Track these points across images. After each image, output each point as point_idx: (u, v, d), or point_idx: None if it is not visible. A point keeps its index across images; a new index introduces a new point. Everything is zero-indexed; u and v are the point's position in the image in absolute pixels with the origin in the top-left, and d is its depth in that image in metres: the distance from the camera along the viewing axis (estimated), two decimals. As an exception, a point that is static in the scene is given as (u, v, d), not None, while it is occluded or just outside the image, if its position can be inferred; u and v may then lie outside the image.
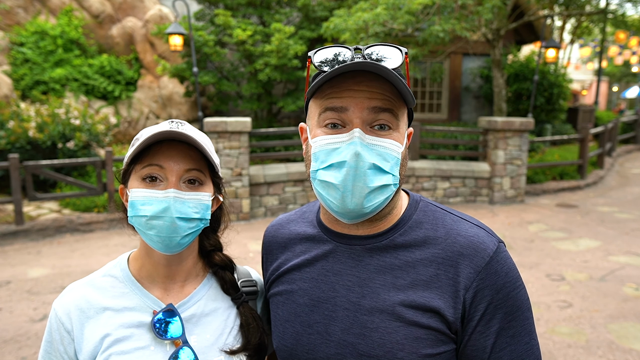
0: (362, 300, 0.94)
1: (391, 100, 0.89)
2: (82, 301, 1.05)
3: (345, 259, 0.99)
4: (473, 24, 9.09)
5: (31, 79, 10.45)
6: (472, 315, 0.89)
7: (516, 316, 0.91)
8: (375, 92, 0.88)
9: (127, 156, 1.04)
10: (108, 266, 1.13)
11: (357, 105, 0.88)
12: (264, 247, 1.19)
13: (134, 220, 1.02)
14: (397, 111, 0.90)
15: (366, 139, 0.87)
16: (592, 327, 4.04)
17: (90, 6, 11.61)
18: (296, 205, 8.18)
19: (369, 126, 0.89)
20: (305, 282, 1.02)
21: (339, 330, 0.95)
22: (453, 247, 0.93)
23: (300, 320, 1.00)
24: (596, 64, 28.14)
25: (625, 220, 7.72)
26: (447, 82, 13.01)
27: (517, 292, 0.92)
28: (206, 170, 1.06)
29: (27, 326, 4.08)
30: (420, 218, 0.99)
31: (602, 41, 19.25)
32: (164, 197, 0.99)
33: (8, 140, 7.96)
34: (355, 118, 0.88)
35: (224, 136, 7.50)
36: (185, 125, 1.03)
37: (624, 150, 16.69)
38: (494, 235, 0.96)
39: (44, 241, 6.68)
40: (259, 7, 11.10)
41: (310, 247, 1.05)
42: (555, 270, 5.42)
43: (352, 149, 0.86)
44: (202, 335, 1.08)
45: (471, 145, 9.54)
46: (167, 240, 1.00)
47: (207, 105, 11.75)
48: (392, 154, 0.89)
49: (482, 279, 0.89)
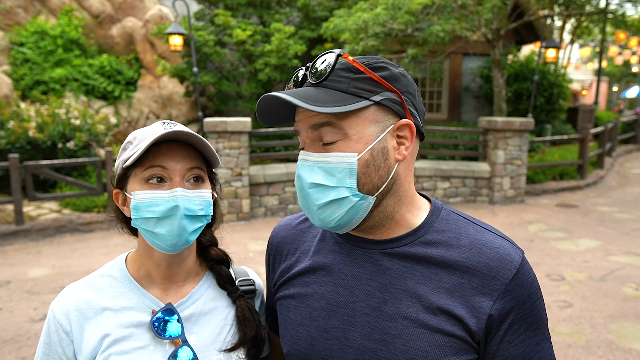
0: (383, 306, 0.92)
1: (327, 115, 0.88)
2: (80, 302, 1.05)
3: (364, 263, 0.97)
4: (473, 24, 9.08)
5: (31, 79, 10.45)
6: (500, 326, 0.89)
7: (539, 324, 0.93)
8: (310, 116, 0.92)
9: (123, 160, 1.04)
10: (106, 267, 1.13)
11: (303, 126, 0.93)
12: (271, 248, 1.16)
13: (140, 223, 1.01)
14: (337, 121, 0.87)
15: (310, 158, 0.90)
16: (592, 327, 4.04)
17: (90, 6, 11.61)
18: (296, 205, 8.17)
19: (321, 143, 0.90)
20: (321, 286, 1.00)
21: (359, 336, 0.93)
22: (479, 257, 0.92)
23: (316, 324, 0.98)
24: (596, 64, 28.14)
25: (625, 220, 7.72)
26: (447, 82, 13.01)
27: (539, 302, 0.93)
28: (205, 168, 1.08)
29: (27, 326, 4.07)
30: (442, 226, 0.97)
31: (602, 41, 19.26)
32: (171, 196, 1.00)
33: (8, 140, 7.96)
34: (305, 138, 0.92)
35: (224, 136, 7.50)
36: (178, 125, 1.04)
37: (624, 150, 16.69)
38: (517, 247, 0.96)
39: (44, 241, 6.68)
40: (259, 7, 11.10)
41: (325, 249, 1.03)
42: (555, 270, 5.42)
43: (298, 172, 0.92)
44: (201, 334, 1.08)
45: (471, 145, 9.54)
46: (177, 239, 1.01)
47: (207, 105, 11.75)
48: (338, 166, 0.88)
49: (509, 291, 0.89)
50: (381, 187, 0.90)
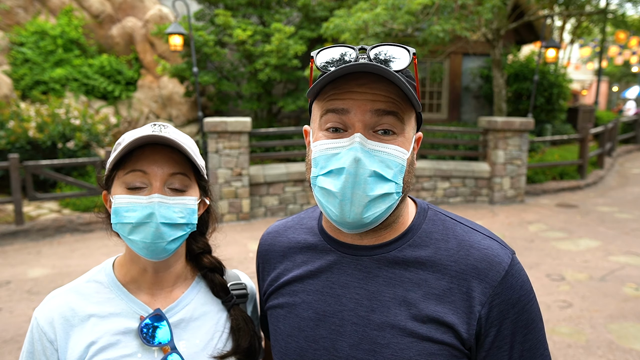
0: (371, 315, 0.90)
1: (396, 103, 0.84)
2: (65, 309, 1.01)
3: (351, 271, 0.94)
4: (473, 24, 9.08)
5: (31, 79, 10.45)
6: (489, 331, 0.87)
7: (531, 328, 0.89)
8: (379, 94, 0.84)
9: (109, 162, 1.01)
10: (92, 271, 1.10)
11: (359, 108, 0.84)
12: (260, 256, 1.13)
13: (118, 228, 0.99)
14: (402, 115, 0.85)
15: (368, 145, 0.83)
16: (592, 327, 4.04)
17: (90, 6, 11.61)
18: (296, 205, 8.17)
19: (372, 130, 0.85)
20: (309, 295, 0.97)
21: (347, 346, 0.90)
22: (467, 260, 0.90)
23: (304, 335, 0.95)
24: (596, 64, 28.13)
25: (625, 220, 7.72)
26: (447, 82, 13.01)
27: (531, 304, 0.90)
28: (191, 174, 1.03)
29: (27, 326, 4.07)
30: (429, 228, 0.96)
31: (602, 41, 19.25)
32: (147, 202, 0.96)
33: (8, 140, 7.96)
34: (357, 121, 0.84)
35: (224, 136, 7.50)
36: (169, 127, 1.00)
37: (624, 150, 16.69)
38: (506, 247, 0.94)
39: (44, 241, 6.68)
40: (259, 7, 11.10)
41: (313, 257, 1.00)
42: (555, 270, 5.42)
43: (352, 154, 0.82)
44: (191, 341, 1.04)
45: (471, 145, 9.54)
46: (153, 247, 0.97)
47: (207, 105, 11.75)
48: (395, 160, 0.85)
49: (498, 294, 0.87)
50: (408, 189, 0.91)
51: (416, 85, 0.91)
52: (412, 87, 0.86)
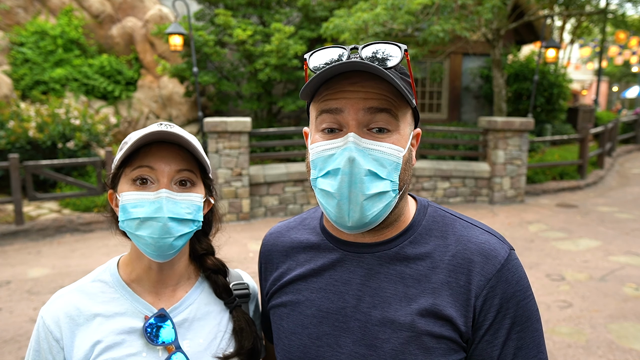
0: (373, 311, 0.91)
1: (389, 100, 0.85)
2: (71, 308, 1.03)
3: (354, 268, 0.95)
4: (473, 24, 9.08)
5: (31, 79, 10.45)
6: (481, 324, 0.87)
7: (525, 327, 0.88)
8: (371, 92, 0.84)
9: (116, 160, 1.02)
10: (97, 271, 1.11)
11: (352, 107, 0.84)
12: (262, 256, 1.14)
13: (126, 224, 0.99)
14: (396, 111, 0.86)
15: (362, 143, 0.84)
16: (592, 327, 4.04)
17: (90, 6, 11.61)
18: (296, 205, 8.17)
19: (367, 129, 0.85)
20: (312, 293, 0.98)
21: (350, 342, 0.92)
22: (464, 253, 0.90)
23: (308, 332, 0.96)
24: (596, 64, 28.14)
25: (625, 220, 7.72)
26: (447, 82, 13.01)
27: (526, 301, 0.89)
28: (197, 171, 1.05)
29: (27, 326, 4.07)
30: (429, 224, 0.97)
31: (602, 41, 19.25)
32: (155, 197, 0.97)
33: (8, 140, 7.96)
34: (351, 120, 0.84)
35: (224, 136, 7.50)
36: (175, 127, 1.01)
37: (624, 150, 16.68)
38: (505, 242, 0.94)
39: (44, 241, 6.68)
40: (259, 7, 11.10)
41: (315, 255, 1.02)
42: (555, 270, 5.42)
43: (346, 155, 0.83)
44: (194, 340, 1.06)
45: (471, 145, 9.54)
46: (160, 242, 0.98)
47: (207, 105, 11.75)
48: (390, 159, 0.85)
49: (492, 286, 0.87)
50: (405, 187, 0.92)
51: (411, 81, 0.91)
52: (406, 84, 0.87)
